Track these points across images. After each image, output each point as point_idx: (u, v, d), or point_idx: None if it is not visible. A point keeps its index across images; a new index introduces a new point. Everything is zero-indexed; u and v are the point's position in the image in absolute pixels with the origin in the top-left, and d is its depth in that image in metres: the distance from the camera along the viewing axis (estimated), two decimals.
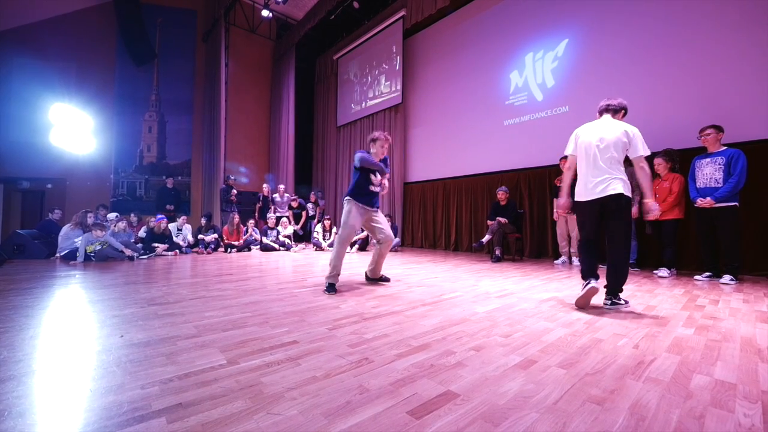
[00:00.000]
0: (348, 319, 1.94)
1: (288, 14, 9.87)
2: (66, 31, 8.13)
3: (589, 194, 2.24)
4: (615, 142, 2.18)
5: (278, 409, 1.00)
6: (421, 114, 7.62)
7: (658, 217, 3.68)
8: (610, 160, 2.19)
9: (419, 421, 0.95)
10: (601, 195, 2.17)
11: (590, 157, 2.25)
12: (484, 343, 1.57)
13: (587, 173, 2.27)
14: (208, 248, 6.16)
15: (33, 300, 2.38)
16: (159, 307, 2.18)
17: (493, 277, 3.47)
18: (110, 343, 1.54)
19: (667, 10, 4.28)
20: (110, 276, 3.47)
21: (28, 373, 1.24)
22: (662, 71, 4.30)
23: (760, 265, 3.52)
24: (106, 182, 8.50)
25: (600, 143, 2.22)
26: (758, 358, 1.43)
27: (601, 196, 2.18)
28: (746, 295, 2.66)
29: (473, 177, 6.50)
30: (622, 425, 0.94)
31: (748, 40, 3.72)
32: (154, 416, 0.96)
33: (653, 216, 2.22)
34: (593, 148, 2.24)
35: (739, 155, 3.21)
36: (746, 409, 1.03)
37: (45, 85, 7.87)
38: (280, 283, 3.12)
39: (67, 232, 5.01)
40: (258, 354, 1.42)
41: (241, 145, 9.75)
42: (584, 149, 2.30)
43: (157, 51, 8.82)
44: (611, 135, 2.21)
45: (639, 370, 1.29)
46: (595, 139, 2.25)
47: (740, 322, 1.94)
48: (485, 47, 6.36)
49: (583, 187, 2.28)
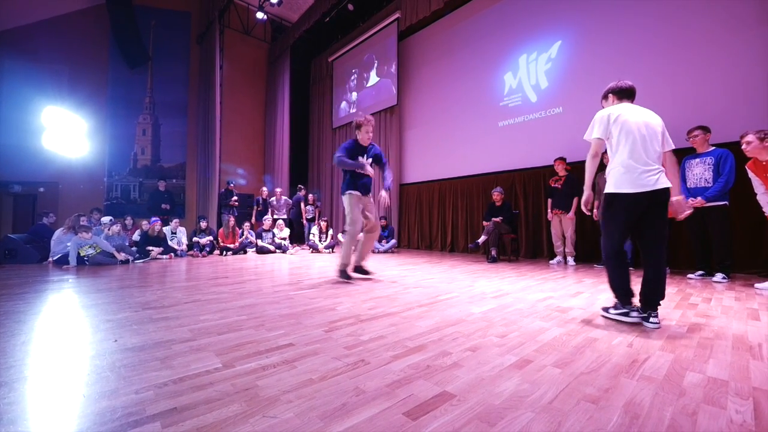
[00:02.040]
0: (344, 321, 1.94)
1: (283, 16, 9.87)
2: (59, 33, 8.06)
3: (636, 184, 1.84)
4: (660, 132, 1.93)
5: (274, 412, 1.00)
6: (416, 116, 7.64)
7: None
8: (655, 151, 1.89)
9: (415, 422, 0.95)
10: (654, 187, 1.82)
11: (638, 141, 1.87)
12: (479, 344, 1.58)
13: (632, 159, 1.86)
14: (203, 251, 6.12)
15: (25, 305, 2.35)
16: (153, 311, 2.16)
17: (489, 278, 3.48)
18: (104, 347, 1.53)
19: (658, 12, 4.34)
20: (104, 280, 3.43)
21: (20, 379, 1.22)
22: (654, 72, 4.36)
23: (751, 263, 3.57)
24: (99, 185, 8.42)
25: (646, 130, 1.90)
26: (750, 355, 1.45)
27: (654, 188, 1.82)
28: (738, 293, 2.70)
29: (468, 178, 6.53)
30: (617, 423, 0.95)
31: (738, 42, 3.78)
32: (148, 421, 0.95)
33: (686, 214, 1.99)
34: (642, 131, 1.89)
35: (728, 155, 3.26)
36: (738, 406, 1.04)
37: (37, 88, 7.78)
38: (276, 285, 3.11)
39: (59, 236, 4.95)
40: (254, 357, 1.41)
41: (236, 147, 9.72)
42: (627, 131, 1.90)
43: (150, 53, 8.76)
44: (655, 123, 1.94)
45: (633, 369, 1.30)
46: (641, 123, 1.91)
47: (732, 320, 1.96)
48: (479, 49, 6.41)
49: (628, 176, 1.86)
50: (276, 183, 9.57)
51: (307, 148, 10.81)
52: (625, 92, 2.07)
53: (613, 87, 2.10)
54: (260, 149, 10.35)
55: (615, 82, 2.11)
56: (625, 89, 2.06)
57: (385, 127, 8.02)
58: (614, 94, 2.10)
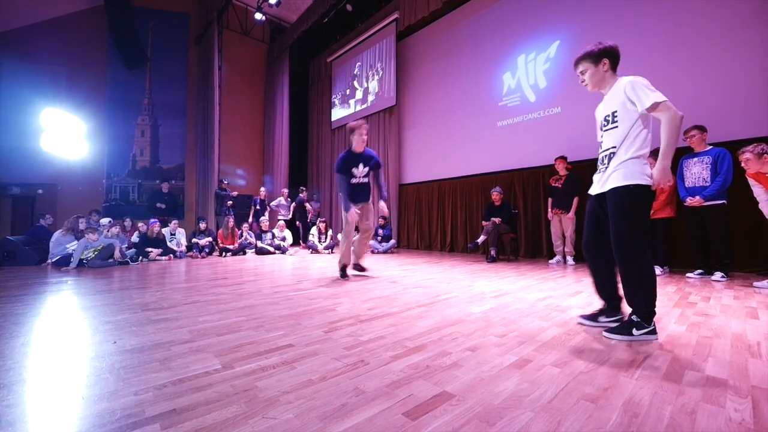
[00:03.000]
0: (344, 322, 1.94)
1: (281, 17, 9.87)
2: (57, 34, 8.04)
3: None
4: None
5: (273, 413, 1.00)
6: (415, 116, 7.65)
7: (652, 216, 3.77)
8: None
9: (415, 422, 0.95)
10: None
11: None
12: (479, 344, 1.58)
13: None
14: (203, 252, 6.11)
15: (24, 307, 2.34)
16: (153, 313, 2.16)
17: (488, 278, 3.48)
18: (103, 349, 1.53)
19: (657, 11, 4.35)
20: (103, 282, 3.43)
21: (19, 381, 1.22)
22: (652, 71, 4.34)
23: (750, 262, 3.58)
24: (98, 187, 8.40)
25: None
26: (748, 353, 1.45)
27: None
28: (737, 292, 2.70)
29: (468, 178, 6.53)
30: (616, 422, 0.95)
31: (737, 41, 3.79)
32: (147, 422, 0.95)
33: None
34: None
35: (725, 154, 3.27)
36: (737, 404, 1.04)
37: (36, 89, 7.76)
38: (276, 286, 3.11)
39: (58, 238, 4.94)
40: (253, 358, 1.41)
41: (235, 147, 9.71)
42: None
43: (149, 54, 8.75)
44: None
45: (632, 368, 1.31)
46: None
47: (731, 319, 1.97)
48: (478, 49, 6.41)
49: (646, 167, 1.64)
50: (275, 183, 9.58)
51: (307, 148, 10.80)
52: (618, 62, 1.73)
53: (613, 50, 1.69)
54: (259, 150, 10.35)
55: (613, 43, 1.71)
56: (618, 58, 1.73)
57: (384, 128, 8.02)
58: (611, 61, 1.70)
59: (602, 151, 1.75)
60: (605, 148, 1.73)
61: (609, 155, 1.69)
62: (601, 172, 1.75)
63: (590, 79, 1.76)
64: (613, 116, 1.68)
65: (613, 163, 1.66)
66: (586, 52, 1.74)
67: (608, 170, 1.68)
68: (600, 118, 1.80)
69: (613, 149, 1.68)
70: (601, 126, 1.78)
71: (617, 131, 1.66)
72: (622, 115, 1.64)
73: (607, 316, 1.82)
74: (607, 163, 1.70)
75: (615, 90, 1.69)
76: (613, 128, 1.68)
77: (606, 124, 1.73)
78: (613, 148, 1.67)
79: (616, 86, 1.68)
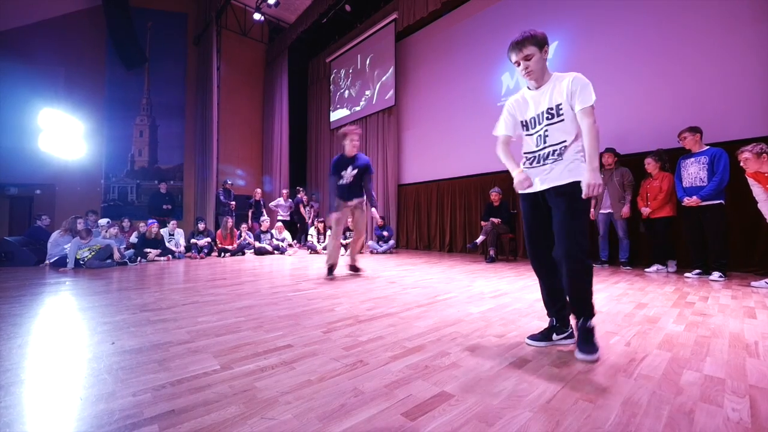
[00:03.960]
0: (343, 322, 1.94)
1: (280, 17, 9.86)
2: (55, 35, 8.02)
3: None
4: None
5: (272, 413, 1.00)
6: (414, 116, 7.65)
7: (651, 215, 3.78)
8: None
9: (414, 423, 0.95)
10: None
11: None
12: (478, 344, 1.58)
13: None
14: (201, 253, 6.10)
15: (21, 308, 2.34)
16: (151, 313, 2.16)
17: (487, 278, 3.49)
18: (101, 350, 1.52)
19: (655, 13, 4.36)
20: (101, 282, 3.42)
21: (17, 382, 1.21)
22: (651, 72, 4.37)
23: (747, 261, 3.59)
24: (96, 187, 8.38)
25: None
26: (746, 353, 1.45)
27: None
28: (734, 291, 2.71)
29: (466, 178, 6.54)
30: (614, 422, 0.95)
31: (733, 42, 3.80)
32: (146, 424, 0.95)
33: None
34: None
35: (722, 154, 3.28)
36: (734, 404, 1.05)
37: (34, 90, 7.74)
38: (275, 286, 3.11)
39: (56, 238, 4.92)
40: (252, 359, 1.41)
41: (234, 147, 9.70)
42: None
43: (147, 55, 8.73)
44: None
45: (630, 368, 1.31)
46: None
47: (729, 318, 1.97)
48: (477, 49, 6.42)
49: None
50: (275, 184, 9.58)
51: (306, 148, 10.80)
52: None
53: (543, 37, 1.57)
54: (258, 150, 10.34)
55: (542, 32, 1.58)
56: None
57: (383, 128, 8.02)
58: (547, 47, 1.58)
59: (547, 145, 1.61)
60: (555, 142, 1.58)
61: (561, 149, 1.57)
62: (546, 165, 1.61)
63: (535, 66, 1.55)
64: (558, 109, 1.56)
65: (568, 157, 1.55)
66: (530, 35, 1.53)
67: (561, 164, 1.56)
68: (531, 111, 1.65)
69: (564, 143, 1.56)
70: (536, 120, 1.64)
71: (565, 125, 1.55)
72: (567, 109, 1.54)
73: (558, 333, 1.61)
74: (556, 157, 1.57)
75: (555, 82, 1.56)
76: (560, 122, 1.56)
77: (551, 117, 1.58)
78: (564, 142, 1.56)
79: (556, 78, 1.57)
